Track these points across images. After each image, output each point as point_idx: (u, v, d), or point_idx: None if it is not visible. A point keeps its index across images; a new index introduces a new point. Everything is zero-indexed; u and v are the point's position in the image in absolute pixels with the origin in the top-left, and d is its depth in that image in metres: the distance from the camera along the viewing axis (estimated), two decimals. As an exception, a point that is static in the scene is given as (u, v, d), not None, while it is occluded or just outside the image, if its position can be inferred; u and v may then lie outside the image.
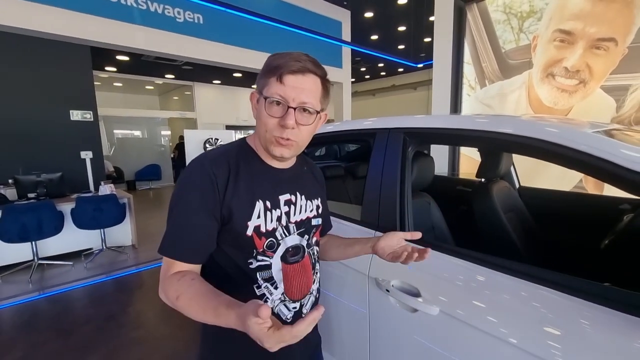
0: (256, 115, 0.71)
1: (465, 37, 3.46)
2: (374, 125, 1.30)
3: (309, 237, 0.81)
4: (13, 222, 3.03)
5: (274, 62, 0.66)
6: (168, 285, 0.65)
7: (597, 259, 1.39)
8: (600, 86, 2.63)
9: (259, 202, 0.70)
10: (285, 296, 0.75)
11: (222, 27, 5.02)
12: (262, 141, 0.71)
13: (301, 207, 0.78)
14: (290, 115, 0.65)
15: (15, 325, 2.43)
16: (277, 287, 0.73)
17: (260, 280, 0.72)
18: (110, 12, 4.04)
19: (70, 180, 3.93)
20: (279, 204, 0.74)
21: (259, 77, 0.70)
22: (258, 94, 0.70)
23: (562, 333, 0.71)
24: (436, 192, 1.50)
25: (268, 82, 0.67)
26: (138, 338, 2.17)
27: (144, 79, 8.62)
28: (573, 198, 1.89)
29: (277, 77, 0.65)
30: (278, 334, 0.47)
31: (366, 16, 6.97)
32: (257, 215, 0.70)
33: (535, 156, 0.92)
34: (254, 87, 0.74)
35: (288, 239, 0.75)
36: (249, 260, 0.71)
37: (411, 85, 11.60)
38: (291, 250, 0.75)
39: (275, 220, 0.72)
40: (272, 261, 0.72)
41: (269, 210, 0.72)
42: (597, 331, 0.68)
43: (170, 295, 0.64)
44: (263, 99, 0.67)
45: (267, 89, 0.66)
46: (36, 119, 4.20)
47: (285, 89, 0.65)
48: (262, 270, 0.72)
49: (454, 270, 0.93)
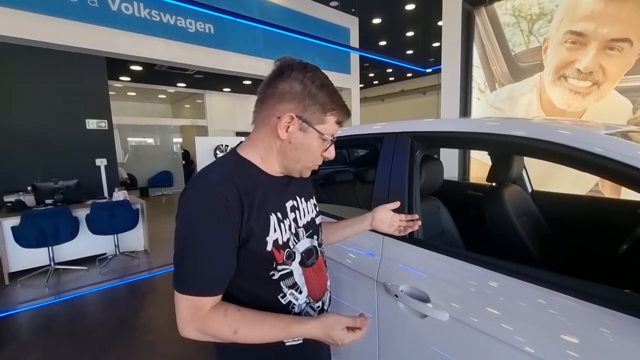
0: (293, 141, 0.69)
1: (474, 41, 3.44)
2: (382, 130, 1.30)
3: (318, 236, 0.82)
4: (31, 227, 3.12)
5: (330, 101, 0.68)
6: (215, 324, 0.63)
7: (615, 264, 1.34)
8: (615, 87, 2.57)
9: (272, 216, 0.70)
10: (309, 298, 0.76)
11: (232, 36, 5.13)
12: (299, 167, 0.73)
13: (304, 210, 0.80)
14: (333, 149, 0.75)
15: (32, 329, 2.49)
16: (302, 291, 0.75)
17: (285, 289, 0.72)
18: (126, 24, 4.18)
19: (86, 187, 4.04)
20: (287, 212, 0.74)
21: (305, 104, 0.66)
22: (303, 123, 0.67)
23: (580, 341, 0.68)
24: (446, 197, 1.48)
25: (326, 120, 0.69)
26: (150, 342, 2.20)
27: (157, 88, 8.84)
28: (589, 202, 1.84)
29: (337, 121, 0.71)
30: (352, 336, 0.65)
31: (374, 22, 7.01)
32: (273, 229, 0.70)
33: (548, 159, 0.90)
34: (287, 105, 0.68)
35: (299, 244, 0.75)
36: (271, 272, 0.70)
37: (420, 90, 11.55)
38: (304, 254, 0.76)
39: (288, 230, 0.73)
40: (292, 268, 0.73)
41: (281, 221, 0.72)
42: (619, 340, 0.65)
43: (224, 332, 0.63)
44: (317, 134, 0.69)
45: (326, 128, 0.70)
46: (54, 128, 4.35)
47: (338, 130, 0.73)
48: (285, 279, 0.72)
49: (465, 276, 0.92)
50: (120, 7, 4.15)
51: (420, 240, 1.09)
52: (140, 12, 4.31)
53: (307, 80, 0.66)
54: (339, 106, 0.70)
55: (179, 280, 0.64)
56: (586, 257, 1.49)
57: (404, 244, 1.08)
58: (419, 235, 1.10)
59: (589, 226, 1.62)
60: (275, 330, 0.64)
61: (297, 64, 0.69)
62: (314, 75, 0.67)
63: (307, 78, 0.66)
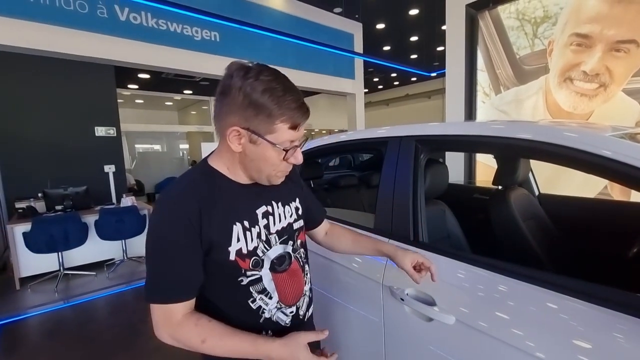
0: (249, 153, 0.67)
1: (478, 45, 3.45)
2: (386, 134, 1.31)
3: (294, 242, 0.81)
4: (42, 233, 3.18)
5: (276, 108, 0.62)
6: (185, 333, 0.65)
7: (624, 268, 1.32)
8: (623, 89, 2.54)
9: (236, 225, 0.69)
10: (280, 304, 0.76)
11: (237, 44, 5.20)
12: (263, 176, 0.71)
13: (280, 216, 0.78)
14: (299, 154, 0.70)
15: (42, 333, 2.52)
16: (272, 296, 0.75)
17: (255, 294, 0.73)
18: (134, 34, 4.27)
19: (95, 193, 4.11)
20: (257, 219, 0.73)
21: (248, 114, 0.63)
22: (252, 134, 0.64)
23: (593, 347, 0.67)
24: (452, 200, 1.48)
25: (275, 128, 0.64)
26: (157, 346, 2.21)
27: (164, 95, 8.98)
28: (598, 205, 1.82)
29: (291, 126, 0.65)
30: None
31: (378, 28, 7.06)
32: (236, 239, 0.69)
33: (554, 162, 0.89)
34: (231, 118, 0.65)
35: (270, 252, 0.74)
36: (239, 278, 0.71)
37: (425, 94, 11.54)
38: (276, 261, 0.75)
39: (256, 238, 0.72)
40: (262, 273, 0.73)
41: (248, 230, 0.71)
42: (633, 345, 0.63)
43: (194, 341, 0.65)
44: (270, 145, 0.65)
45: (278, 137, 0.65)
46: (64, 136, 4.45)
47: (297, 134, 0.67)
48: (255, 284, 0.72)
49: (471, 279, 0.92)
50: (129, 17, 4.25)
51: (426, 243, 1.09)
52: (148, 22, 4.40)
53: (247, 87, 0.61)
54: (290, 110, 0.63)
55: (147, 290, 0.66)
56: (594, 261, 1.47)
57: (410, 247, 1.08)
58: (425, 239, 1.10)
59: (597, 229, 1.60)
60: (243, 346, 0.65)
61: (238, 69, 0.64)
62: (254, 80, 0.62)
63: (246, 85, 0.62)
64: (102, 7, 4.05)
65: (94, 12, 4.00)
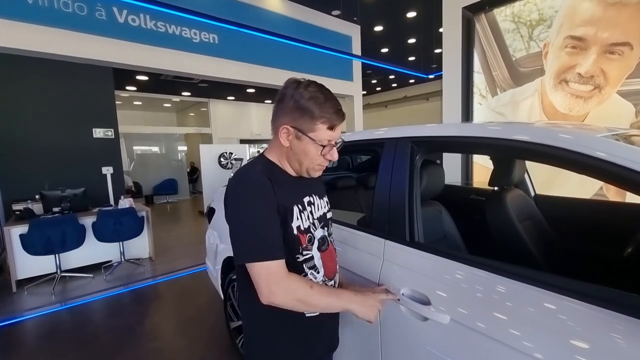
0: (294, 148, 0.83)
1: (474, 47, 3.47)
2: (382, 135, 1.32)
3: (328, 228, 0.97)
4: (39, 235, 3.17)
5: (317, 111, 0.79)
6: (295, 282, 0.79)
7: (619, 268, 1.33)
8: (617, 91, 2.57)
9: (295, 206, 0.85)
10: (325, 277, 0.92)
11: (236, 46, 5.22)
12: (304, 168, 0.86)
13: (318, 205, 0.95)
14: (335, 151, 0.84)
15: (38, 336, 2.51)
16: (319, 271, 0.90)
17: (307, 269, 0.87)
18: (133, 36, 4.28)
19: (93, 195, 4.10)
20: (305, 205, 0.89)
21: (296, 116, 0.80)
22: (297, 132, 0.81)
23: (591, 347, 0.67)
24: (448, 201, 1.49)
25: (316, 128, 0.80)
26: (154, 349, 2.20)
27: (162, 97, 8.98)
28: (593, 206, 1.83)
29: (329, 127, 0.81)
30: None
31: (376, 30, 7.10)
32: (297, 217, 0.85)
33: (550, 163, 0.90)
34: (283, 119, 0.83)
35: (316, 232, 0.91)
36: (296, 255, 0.85)
37: (423, 96, 11.59)
38: (320, 240, 0.91)
39: (307, 219, 0.88)
40: (313, 252, 0.89)
41: (302, 211, 0.87)
42: (631, 345, 0.63)
43: (303, 288, 0.79)
44: (311, 141, 0.81)
45: (318, 135, 0.81)
46: (62, 137, 4.43)
47: (334, 134, 0.83)
48: (307, 262, 0.88)
49: (466, 279, 0.92)
50: (127, 19, 4.26)
51: (422, 243, 1.10)
52: (147, 24, 4.42)
53: (297, 95, 0.80)
54: (328, 114, 0.80)
55: (248, 252, 0.78)
56: (590, 261, 1.48)
57: (405, 247, 1.09)
58: (420, 239, 1.11)
59: (593, 230, 1.61)
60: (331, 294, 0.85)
61: (292, 82, 0.82)
62: (304, 91, 0.80)
63: (297, 94, 0.80)
64: (101, 9, 4.06)
65: (93, 14, 4.01)
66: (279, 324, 0.87)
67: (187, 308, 2.81)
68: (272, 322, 0.87)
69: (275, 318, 0.85)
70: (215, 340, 2.27)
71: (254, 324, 0.91)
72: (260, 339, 0.90)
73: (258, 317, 0.88)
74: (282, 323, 0.87)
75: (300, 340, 0.89)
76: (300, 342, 0.89)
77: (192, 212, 7.95)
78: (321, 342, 0.95)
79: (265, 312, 0.82)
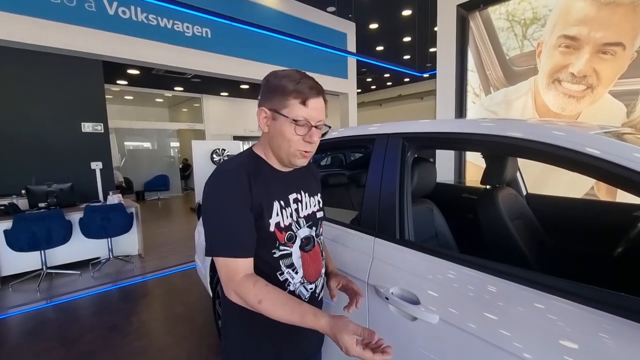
0: (272, 131, 0.79)
1: (468, 46, 3.47)
2: (373, 131, 1.29)
3: (316, 228, 0.92)
4: (23, 231, 3.09)
5: (290, 86, 0.75)
6: (244, 289, 0.74)
7: (610, 267, 1.33)
8: (609, 91, 2.58)
9: (275, 203, 0.81)
10: (304, 279, 0.86)
11: (230, 41, 5.15)
12: (283, 154, 0.80)
13: (307, 204, 0.90)
14: (315, 133, 0.78)
15: (22, 334, 2.44)
16: (297, 272, 0.85)
17: (283, 267, 0.83)
18: (123, 28, 4.19)
19: (81, 191, 4.01)
20: (289, 202, 0.85)
21: (270, 96, 0.78)
22: (273, 112, 0.77)
23: (580, 347, 0.66)
24: (440, 199, 1.47)
25: (288, 104, 0.76)
26: (141, 347, 2.16)
27: (154, 91, 8.84)
28: (584, 205, 1.83)
29: (301, 102, 0.75)
30: (361, 353, 0.65)
31: (371, 27, 7.07)
32: (276, 213, 0.81)
33: (541, 160, 0.89)
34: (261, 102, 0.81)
35: (300, 231, 0.86)
36: (272, 250, 0.81)
37: (418, 95, 11.62)
38: (304, 240, 0.86)
39: (289, 216, 0.84)
40: (292, 250, 0.84)
41: (283, 208, 0.83)
42: (618, 345, 0.63)
43: (251, 299, 0.73)
44: (284, 118, 0.76)
45: (290, 111, 0.76)
46: (49, 131, 4.33)
47: (309, 111, 0.76)
48: (284, 259, 0.83)
49: (455, 278, 0.91)
50: (117, 11, 4.16)
51: (412, 242, 1.08)
52: (138, 16, 4.32)
53: (270, 76, 0.79)
54: (301, 87, 0.75)
55: (213, 247, 0.75)
56: (580, 261, 1.48)
57: (395, 245, 1.07)
58: (411, 237, 1.09)
59: (583, 229, 1.61)
60: (292, 315, 0.72)
61: (272, 72, 0.80)
62: (278, 72, 0.79)
63: (270, 76, 0.79)
64: (91, 0, 3.96)
65: (82, 5, 3.91)
66: (254, 322, 0.82)
67: (176, 306, 2.77)
68: (248, 320, 0.82)
69: (251, 316, 0.78)
70: (203, 339, 2.23)
71: (230, 321, 0.88)
72: (235, 334, 0.87)
73: (234, 313, 0.84)
74: (257, 322, 0.80)
75: (275, 340, 0.85)
76: (275, 342, 0.85)
77: (183, 208, 7.86)
78: (303, 342, 0.90)
79: (240, 308, 0.77)
